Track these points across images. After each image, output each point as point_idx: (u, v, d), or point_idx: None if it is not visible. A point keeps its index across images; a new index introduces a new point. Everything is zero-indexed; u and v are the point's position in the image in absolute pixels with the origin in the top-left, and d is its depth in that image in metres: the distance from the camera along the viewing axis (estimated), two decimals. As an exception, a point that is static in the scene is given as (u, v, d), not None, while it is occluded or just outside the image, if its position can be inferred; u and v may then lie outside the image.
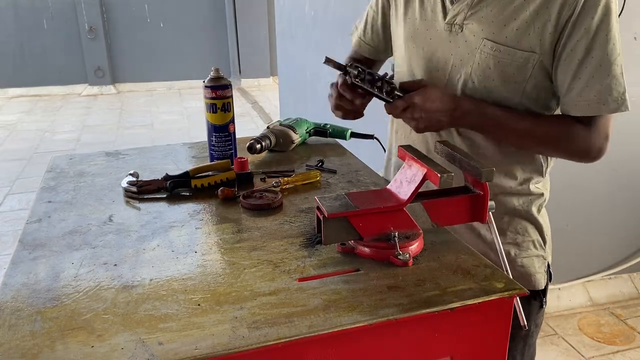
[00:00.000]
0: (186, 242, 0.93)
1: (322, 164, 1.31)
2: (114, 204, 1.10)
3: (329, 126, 1.51)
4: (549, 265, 1.23)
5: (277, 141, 1.40)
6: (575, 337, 2.42)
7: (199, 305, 0.74)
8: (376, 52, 1.36)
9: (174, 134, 6.05)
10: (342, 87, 1.07)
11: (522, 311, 0.84)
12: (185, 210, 1.07)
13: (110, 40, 8.59)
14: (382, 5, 1.28)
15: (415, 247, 0.87)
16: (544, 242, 1.20)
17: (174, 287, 0.79)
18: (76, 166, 1.32)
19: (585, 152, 1.07)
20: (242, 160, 1.23)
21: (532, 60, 1.03)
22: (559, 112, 1.11)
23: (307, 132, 1.48)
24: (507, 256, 1.13)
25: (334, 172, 1.27)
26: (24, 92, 8.30)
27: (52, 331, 0.69)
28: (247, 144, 1.35)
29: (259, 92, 8.39)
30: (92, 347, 0.66)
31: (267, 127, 1.44)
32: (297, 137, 1.43)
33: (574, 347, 2.35)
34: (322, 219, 0.84)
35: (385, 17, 1.29)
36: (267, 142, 1.38)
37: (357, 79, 1.04)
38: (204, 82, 1.26)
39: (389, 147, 1.35)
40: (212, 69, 1.26)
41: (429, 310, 0.73)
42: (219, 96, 1.25)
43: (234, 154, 1.31)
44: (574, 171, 2.13)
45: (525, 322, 0.84)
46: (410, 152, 0.90)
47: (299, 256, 0.87)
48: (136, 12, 8.57)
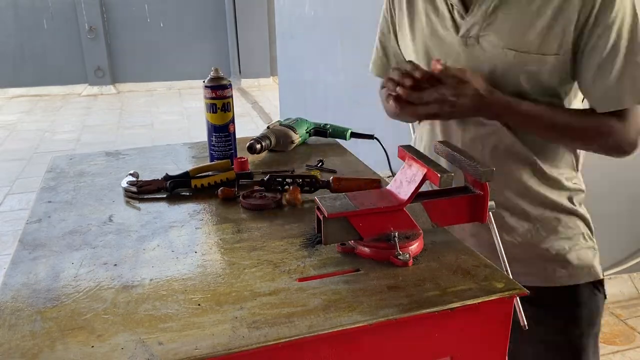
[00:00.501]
0: (186, 242, 0.93)
1: (322, 164, 1.31)
2: (114, 204, 1.10)
3: (329, 126, 1.51)
4: None
5: (277, 141, 1.40)
6: (575, 337, 2.41)
7: (199, 305, 0.74)
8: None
9: (174, 134, 6.05)
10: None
11: (522, 311, 0.84)
12: (185, 210, 1.07)
13: (110, 40, 8.59)
14: (389, 27, 1.28)
15: (415, 247, 0.87)
16: (592, 234, 1.22)
17: (174, 287, 0.79)
18: (76, 166, 1.32)
19: (620, 146, 1.07)
20: (242, 160, 1.23)
21: (556, 62, 1.03)
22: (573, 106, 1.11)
23: (307, 132, 1.48)
24: (561, 250, 1.16)
25: (334, 172, 1.27)
26: (24, 92, 8.31)
27: (52, 331, 0.69)
28: (247, 144, 1.35)
29: (259, 92, 8.40)
30: (92, 347, 0.66)
31: (267, 127, 1.44)
32: (297, 137, 1.43)
33: (574, 347, 2.35)
34: (322, 219, 0.84)
35: (396, 34, 1.28)
36: (267, 142, 1.38)
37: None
38: (204, 82, 1.26)
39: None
40: (212, 69, 1.26)
41: (429, 310, 0.73)
42: (219, 96, 1.25)
43: (234, 154, 1.31)
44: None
45: (525, 322, 0.84)
46: (410, 152, 0.90)
47: (299, 256, 0.87)
48: (136, 12, 8.58)
